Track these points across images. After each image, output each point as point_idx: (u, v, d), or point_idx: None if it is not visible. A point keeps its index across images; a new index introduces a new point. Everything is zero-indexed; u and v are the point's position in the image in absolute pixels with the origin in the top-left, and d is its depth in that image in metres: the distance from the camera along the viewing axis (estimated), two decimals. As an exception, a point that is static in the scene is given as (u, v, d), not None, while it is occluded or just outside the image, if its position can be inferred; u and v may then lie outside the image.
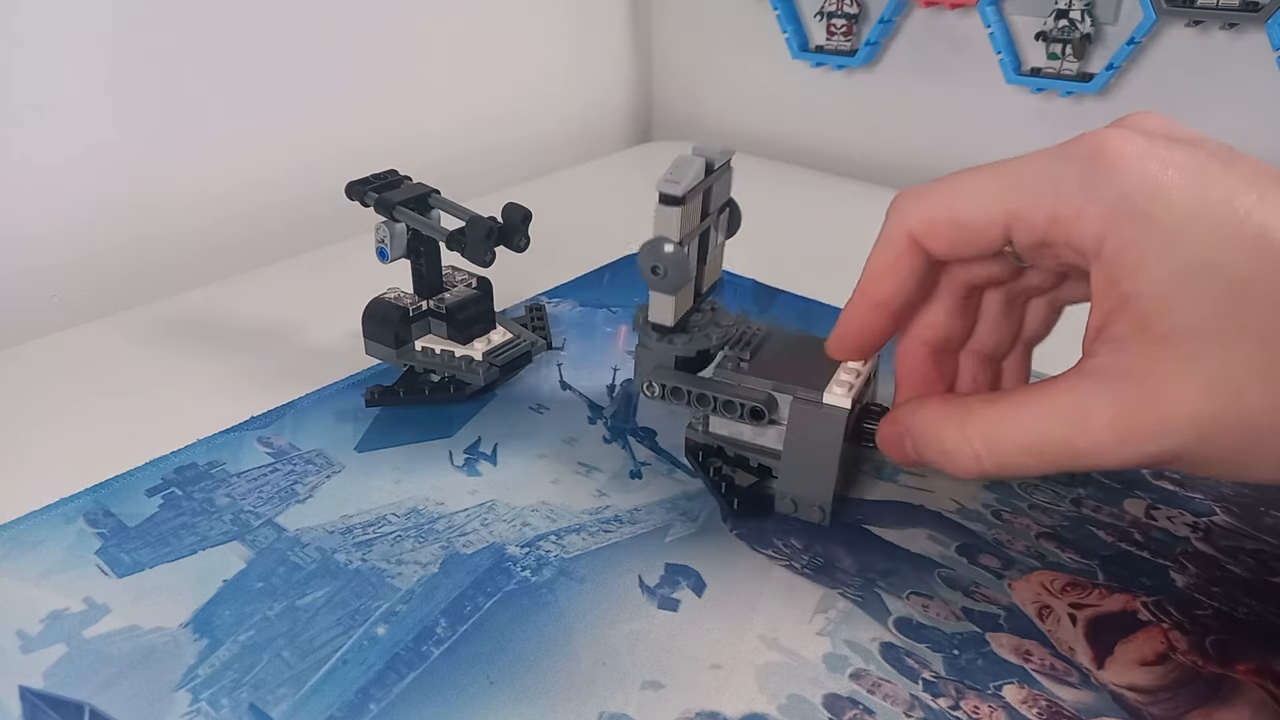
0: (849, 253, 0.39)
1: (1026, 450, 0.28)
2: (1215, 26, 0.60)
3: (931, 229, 0.30)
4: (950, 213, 0.29)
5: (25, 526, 0.37)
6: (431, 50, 0.73)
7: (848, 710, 0.29)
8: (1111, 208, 0.26)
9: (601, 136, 0.89)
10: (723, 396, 0.36)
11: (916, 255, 0.30)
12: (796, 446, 0.36)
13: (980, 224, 0.29)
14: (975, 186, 0.29)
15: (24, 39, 0.53)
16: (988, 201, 0.28)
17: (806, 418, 0.35)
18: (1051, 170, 0.27)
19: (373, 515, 0.38)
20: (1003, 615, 0.33)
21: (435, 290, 0.45)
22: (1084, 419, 0.26)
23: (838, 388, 0.35)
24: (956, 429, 0.29)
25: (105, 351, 0.51)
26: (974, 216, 0.29)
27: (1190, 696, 0.29)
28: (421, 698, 0.30)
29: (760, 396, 0.36)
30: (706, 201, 0.36)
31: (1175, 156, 0.26)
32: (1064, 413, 0.27)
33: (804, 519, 0.37)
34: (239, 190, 0.65)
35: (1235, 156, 0.26)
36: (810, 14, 0.77)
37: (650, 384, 0.38)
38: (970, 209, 0.29)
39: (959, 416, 0.29)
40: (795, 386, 0.36)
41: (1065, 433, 0.27)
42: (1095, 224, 0.26)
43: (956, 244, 0.30)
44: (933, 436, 0.30)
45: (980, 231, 0.29)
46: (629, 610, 0.33)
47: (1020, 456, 0.28)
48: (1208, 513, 0.37)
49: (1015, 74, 0.67)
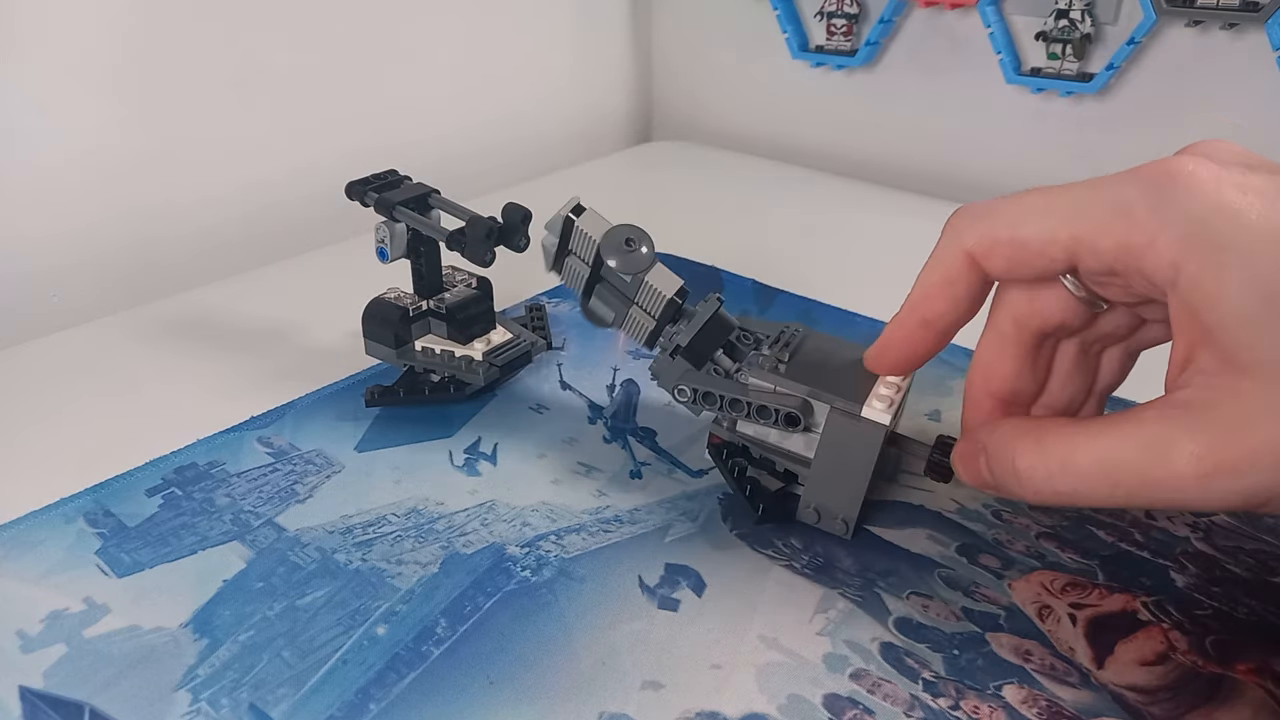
0: (849, 253, 0.39)
1: (1103, 475, 0.26)
2: (1215, 26, 0.60)
3: (992, 248, 0.29)
4: (1012, 232, 0.28)
5: (25, 526, 0.37)
6: (432, 50, 0.73)
7: (848, 710, 0.29)
8: (1187, 234, 0.25)
9: (601, 136, 0.89)
10: (757, 402, 0.35)
11: (973, 274, 0.30)
12: (828, 457, 0.35)
13: (1043, 245, 0.28)
14: (1041, 207, 0.28)
15: (24, 39, 0.53)
16: (1054, 225, 0.27)
17: (843, 429, 0.34)
18: (1121, 195, 0.26)
19: (373, 515, 0.38)
20: (1003, 615, 0.33)
21: (435, 290, 0.45)
22: (1166, 450, 0.25)
23: (878, 402, 0.34)
24: (1033, 446, 0.28)
25: (105, 351, 0.51)
26: (1037, 238, 0.28)
27: (1190, 696, 0.29)
28: (421, 698, 0.30)
29: (796, 403, 0.35)
30: (581, 254, 0.37)
31: (1252, 181, 0.24)
32: (1146, 442, 0.25)
33: (825, 529, 0.36)
34: (239, 190, 0.65)
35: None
36: (810, 14, 0.77)
37: (681, 388, 0.37)
38: (1034, 230, 0.28)
39: (1036, 435, 0.28)
40: (834, 396, 0.34)
41: (1144, 462, 0.25)
42: (1169, 251, 0.25)
43: (1016, 265, 0.29)
44: (1008, 453, 0.29)
45: (1042, 254, 0.28)
46: (629, 610, 0.33)
47: (1095, 481, 0.27)
48: (1208, 512, 0.37)
49: (1015, 74, 0.67)
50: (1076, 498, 0.27)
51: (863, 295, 0.54)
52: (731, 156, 0.82)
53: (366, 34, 0.68)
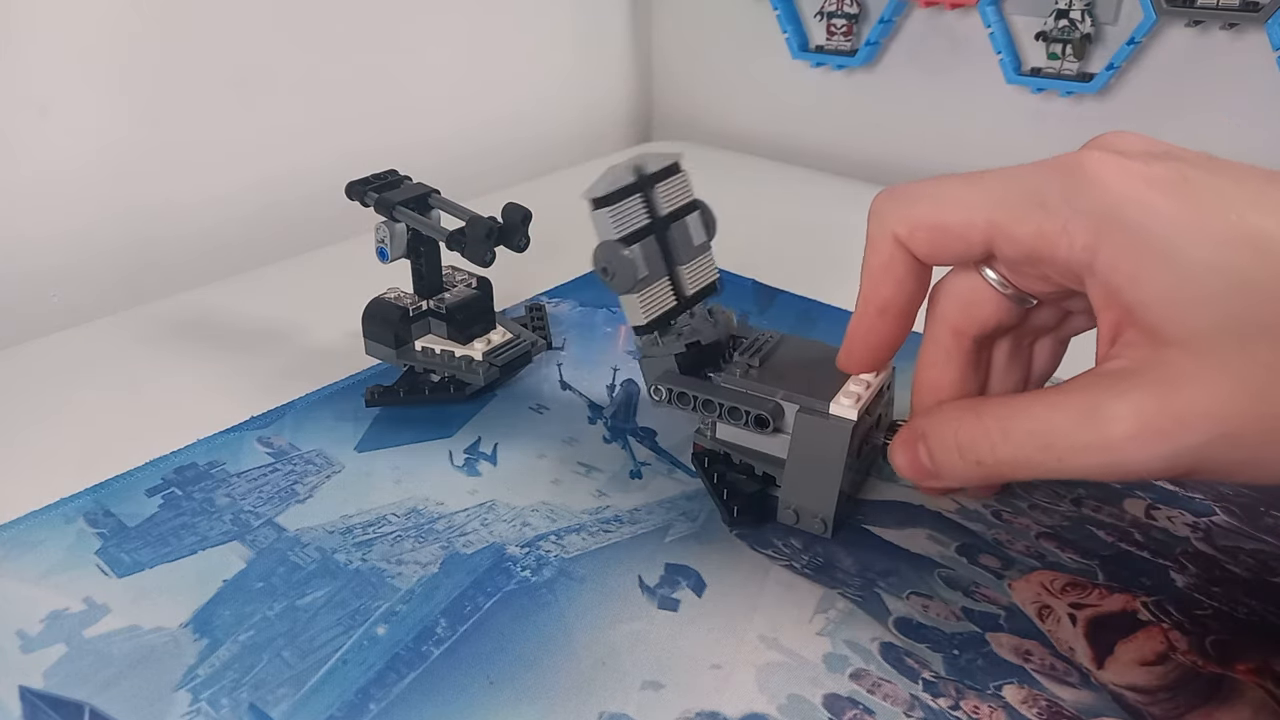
0: (849, 253, 0.39)
1: (1040, 441, 0.27)
2: (1215, 26, 0.60)
3: (914, 232, 0.30)
4: (933, 218, 0.29)
5: (25, 526, 0.37)
6: (432, 50, 0.73)
7: (848, 710, 0.29)
8: (1099, 220, 0.26)
9: (601, 137, 0.89)
10: (728, 403, 0.36)
11: (905, 255, 0.30)
12: (800, 457, 0.35)
13: (963, 230, 0.29)
14: (958, 195, 0.29)
15: (25, 39, 0.53)
16: (971, 211, 0.28)
17: (811, 428, 0.35)
18: (1035, 185, 0.27)
19: (373, 515, 0.38)
20: (1003, 615, 0.33)
21: (435, 290, 0.45)
22: (1097, 413, 0.26)
23: (845, 399, 0.34)
24: (974, 419, 0.29)
25: (105, 351, 0.51)
26: (957, 223, 0.29)
27: (1190, 696, 0.29)
28: (421, 698, 0.30)
29: (767, 405, 0.36)
30: (652, 204, 0.36)
31: (1155, 171, 0.25)
32: (1080, 407, 0.26)
33: (805, 529, 0.36)
34: (239, 190, 0.65)
35: (1217, 163, 0.26)
36: (810, 14, 0.77)
37: (657, 388, 0.38)
38: (954, 217, 0.29)
39: (975, 409, 0.29)
40: (802, 395, 0.35)
41: (1078, 426, 0.26)
42: (1083, 236, 0.26)
43: (938, 249, 0.30)
44: (949, 431, 0.30)
45: (962, 239, 0.29)
46: (629, 610, 0.33)
47: (1031, 448, 0.27)
48: (1208, 513, 0.37)
49: (1015, 74, 0.67)
50: (1016, 467, 0.28)
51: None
52: (731, 156, 0.82)
53: (367, 34, 0.68)
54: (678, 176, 0.37)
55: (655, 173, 0.36)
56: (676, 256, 0.37)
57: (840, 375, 0.35)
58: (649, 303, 0.37)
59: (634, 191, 0.35)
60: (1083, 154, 0.27)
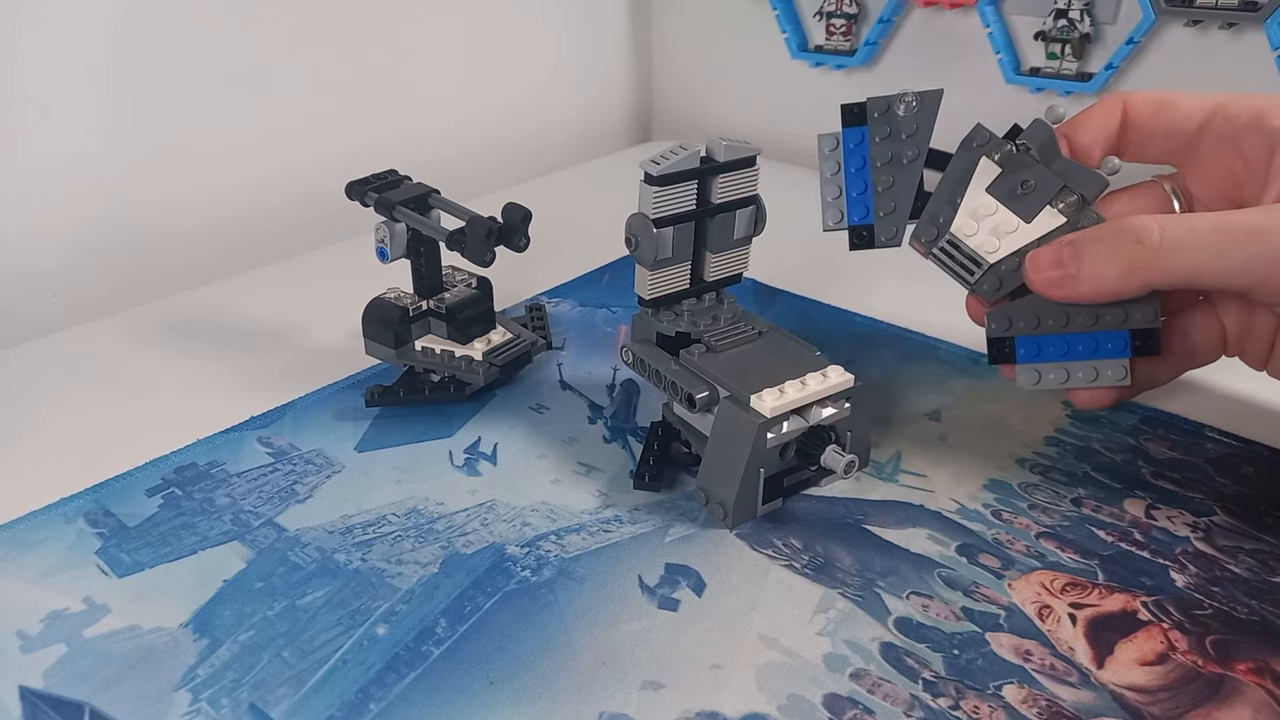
0: (849, 253, 0.40)
1: (1217, 225, 0.32)
2: (1214, 26, 0.60)
3: (1144, 100, 0.38)
4: (1165, 96, 0.37)
5: (25, 526, 0.37)
6: (432, 50, 0.73)
7: (848, 710, 0.29)
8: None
9: (601, 136, 0.89)
10: (670, 378, 0.37)
11: (1119, 114, 0.37)
12: (717, 443, 0.36)
13: (1189, 108, 0.37)
14: (1196, 95, 0.38)
15: (25, 39, 0.53)
16: (1202, 98, 0.37)
17: (729, 416, 0.36)
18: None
19: (373, 515, 0.38)
20: (1003, 615, 0.33)
21: (435, 290, 0.45)
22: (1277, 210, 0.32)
23: (770, 395, 0.35)
24: (1138, 218, 0.33)
25: (105, 351, 0.51)
26: (1185, 102, 0.37)
27: (1190, 696, 0.29)
28: (421, 698, 0.30)
29: (703, 387, 0.36)
30: (706, 192, 0.36)
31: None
32: (1256, 209, 0.32)
33: (710, 514, 0.37)
34: (239, 190, 0.65)
35: None
36: (810, 14, 0.77)
37: (627, 351, 0.40)
38: (1184, 99, 0.37)
39: (1143, 214, 0.34)
40: (735, 384, 0.36)
41: (1259, 213, 0.32)
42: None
43: (1159, 115, 0.37)
44: (1108, 228, 0.34)
45: (1184, 113, 0.37)
46: (629, 610, 0.33)
47: (1206, 231, 0.32)
48: (1208, 513, 0.37)
49: (1014, 74, 0.67)
50: (1179, 248, 0.32)
51: (863, 295, 0.54)
52: (731, 156, 0.82)
53: (367, 34, 0.68)
54: (748, 170, 0.37)
55: (724, 162, 0.36)
56: (709, 244, 0.37)
57: (789, 375, 0.36)
58: (659, 281, 0.37)
59: (690, 178, 0.36)
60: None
